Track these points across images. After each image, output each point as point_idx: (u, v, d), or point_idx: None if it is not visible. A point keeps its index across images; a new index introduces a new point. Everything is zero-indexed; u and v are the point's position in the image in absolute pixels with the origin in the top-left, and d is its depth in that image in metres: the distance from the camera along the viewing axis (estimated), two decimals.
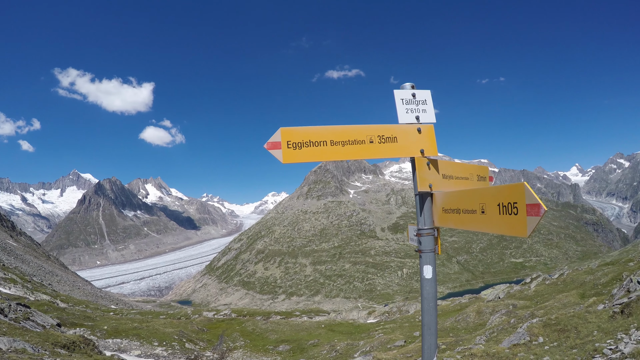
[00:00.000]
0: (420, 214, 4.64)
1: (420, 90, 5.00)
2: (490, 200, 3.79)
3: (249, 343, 51.17)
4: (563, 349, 14.56)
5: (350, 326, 60.44)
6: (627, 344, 12.40)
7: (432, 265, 4.50)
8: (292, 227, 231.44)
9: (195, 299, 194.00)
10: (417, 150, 4.78)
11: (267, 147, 4.46)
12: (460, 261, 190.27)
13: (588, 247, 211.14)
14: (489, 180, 5.69)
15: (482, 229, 3.94)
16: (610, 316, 16.82)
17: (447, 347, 25.05)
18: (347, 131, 4.66)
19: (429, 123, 4.94)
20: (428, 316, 4.41)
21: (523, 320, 24.44)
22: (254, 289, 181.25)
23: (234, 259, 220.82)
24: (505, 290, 55.05)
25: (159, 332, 41.40)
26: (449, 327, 37.44)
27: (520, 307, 36.29)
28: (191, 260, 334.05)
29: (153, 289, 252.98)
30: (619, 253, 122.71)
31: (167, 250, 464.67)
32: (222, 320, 64.81)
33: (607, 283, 34.32)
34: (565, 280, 48.63)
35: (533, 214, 3.25)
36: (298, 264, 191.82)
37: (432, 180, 4.69)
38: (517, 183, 3.45)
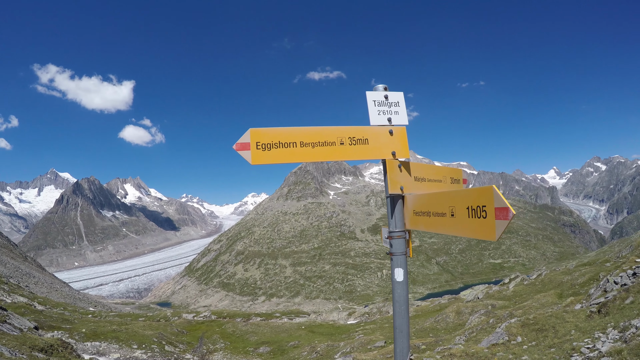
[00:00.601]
0: (391, 216, 4.61)
1: (393, 92, 4.96)
2: (459, 204, 3.74)
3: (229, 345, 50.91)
4: (541, 348, 14.71)
5: (331, 327, 60.46)
6: (604, 342, 12.57)
7: (404, 268, 4.46)
8: (272, 228, 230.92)
9: (174, 301, 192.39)
10: (389, 152, 4.74)
11: (236, 148, 4.40)
12: (439, 262, 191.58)
13: (565, 248, 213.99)
14: (462, 182, 5.67)
15: (451, 232, 3.90)
16: (588, 316, 17.03)
17: (427, 347, 25.17)
18: (317, 132, 4.61)
19: (401, 125, 4.92)
20: (400, 319, 4.38)
21: (502, 320, 24.64)
22: (233, 290, 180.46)
23: (214, 260, 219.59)
24: (484, 290, 55.47)
25: (138, 335, 40.96)
26: (428, 328, 37.64)
27: (499, 307, 36.61)
28: (170, 262, 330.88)
29: (132, 290, 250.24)
30: (595, 254, 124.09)
31: (146, 252, 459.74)
32: (202, 322, 64.36)
33: (585, 283, 34.76)
34: (543, 280, 49.17)
35: (502, 218, 3.22)
36: (278, 265, 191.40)
37: (404, 182, 4.66)
38: (486, 186, 3.42)
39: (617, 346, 11.43)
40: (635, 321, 13.00)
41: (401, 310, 4.37)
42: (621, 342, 11.91)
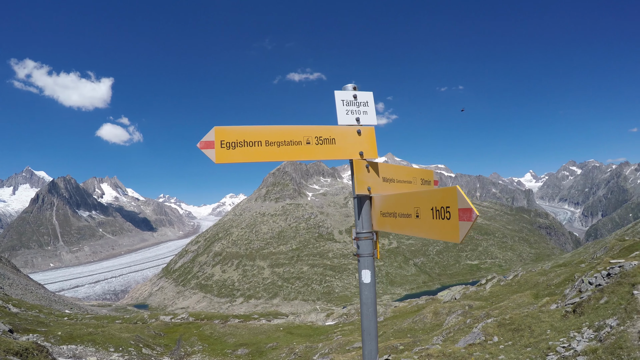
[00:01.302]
0: (358, 217, 4.53)
1: (362, 92, 4.87)
2: (424, 204, 3.67)
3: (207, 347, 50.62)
4: (518, 348, 14.84)
5: (309, 328, 60.44)
6: (579, 342, 12.72)
7: (371, 269, 4.42)
8: (250, 230, 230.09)
9: (151, 303, 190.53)
10: (356, 152, 4.66)
11: (200, 146, 4.30)
12: (417, 263, 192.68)
13: (541, 249, 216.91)
14: (433, 184, 5.60)
15: (416, 233, 3.84)
16: (563, 315, 17.23)
17: (404, 347, 25.27)
18: (283, 131, 4.52)
19: (369, 125, 4.84)
20: (367, 321, 4.36)
21: (479, 320, 24.83)
22: (211, 292, 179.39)
23: (191, 261, 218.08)
24: (461, 291, 55.87)
25: (115, 338, 40.51)
26: (406, 328, 37.79)
27: (476, 307, 36.87)
28: (147, 263, 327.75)
29: (108, 292, 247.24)
30: (571, 255, 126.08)
31: (122, 252, 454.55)
32: (180, 324, 63.92)
33: (560, 284, 35.18)
34: (519, 281, 49.63)
35: (465, 219, 3.13)
36: (256, 266, 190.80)
37: (371, 183, 4.58)
38: (449, 187, 3.35)
39: (592, 345, 11.58)
40: (610, 320, 13.18)
41: (369, 312, 4.35)
42: (596, 341, 12.07)
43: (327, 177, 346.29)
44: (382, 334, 39.74)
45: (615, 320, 13.01)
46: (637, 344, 10.45)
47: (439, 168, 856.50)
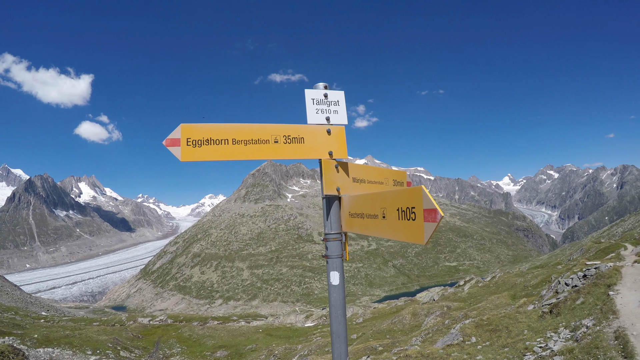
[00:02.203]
0: (326, 218, 4.45)
1: (334, 90, 4.83)
2: (390, 205, 3.60)
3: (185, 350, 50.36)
4: (495, 348, 14.94)
5: (288, 330, 60.39)
6: (556, 342, 12.85)
7: (340, 271, 4.31)
8: (229, 231, 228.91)
9: (129, 305, 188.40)
10: (325, 152, 4.58)
11: (166, 143, 4.21)
12: (396, 265, 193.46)
13: (519, 251, 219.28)
14: (406, 185, 5.52)
15: (383, 234, 3.74)
16: (540, 316, 17.41)
17: (384, 348, 25.35)
18: (251, 130, 4.46)
19: (340, 125, 4.77)
20: (336, 324, 4.25)
21: (457, 321, 25.00)
22: (190, 293, 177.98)
23: (170, 262, 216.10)
24: (439, 292, 56.17)
25: (93, 340, 40.10)
26: (385, 329, 37.92)
27: (455, 308, 37.12)
28: (125, 264, 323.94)
29: (86, 294, 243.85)
30: (548, 257, 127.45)
31: (100, 253, 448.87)
32: (158, 327, 63.54)
33: (537, 285, 35.56)
34: (497, 282, 50.09)
35: (430, 220, 3.06)
36: (235, 267, 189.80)
37: (341, 183, 4.51)
38: (414, 187, 3.28)
39: (569, 345, 11.70)
40: (586, 321, 13.35)
41: (338, 314, 4.25)
42: (572, 341, 12.20)
43: (307, 178, 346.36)
44: (362, 335, 39.81)
45: (592, 320, 13.17)
46: (613, 343, 10.59)
47: (418, 171, 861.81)
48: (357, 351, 26.45)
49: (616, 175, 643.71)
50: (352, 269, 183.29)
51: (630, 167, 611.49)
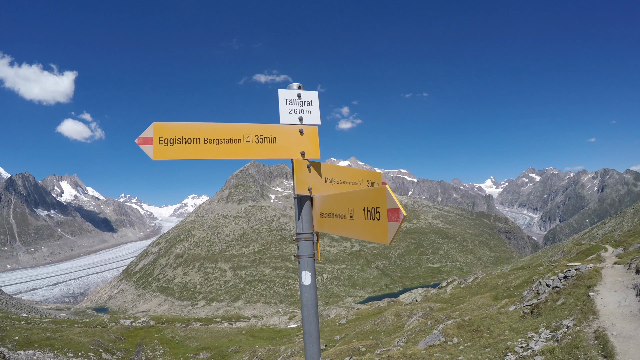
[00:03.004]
0: (298, 218, 4.47)
1: (307, 91, 4.84)
2: (357, 205, 3.60)
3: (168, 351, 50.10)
4: (477, 349, 15.05)
5: (272, 331, 60.33)
6: (537, 342, 12.99)
7: (311, 271, 4.34)
8: (212, 231, 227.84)
9: (111, 306, 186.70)
10: (297, 152, 4.62)
11: (138, 142, 4.20)
12: (379, 266, 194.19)
13: (501, 253, 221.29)
14: (381, 186, 5.57)
15: (351, 234, 3.74)
16: (521, 316, 17.59)
17: (367, 349, 25.43)
18: (223, 129, 4.44)
19: (312, 125, 4.79)
20: (309, 324, 4.23)
21: (439, 321, 25.14)
22: (172, 294, 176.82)
23: (152, 263, 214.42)
24: (422, 293, 56.49)
25: (74, 342, 39.75)
26: (368, 330, 38.05)
27: (437, 309, 37.34)
28: (107, 265, 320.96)
29: (67, 295, 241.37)
30: (529, 258, 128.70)
31: (81, 254, 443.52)
32: (140, 328, 63.11)
33: (519, 286, 35.90)
34: (479, 283, 50.50)
35: (393, 220, 3.07)
36: (218, 269, 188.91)
37: (313, 183, 4.54)
38: (379, 186, 3.30)
39: (549, 345, 11.84)
40: (566, 321, 13.51)
41: (309, 314, 4.23)
42: (553, 341, 12.35)
43: (291, 179, 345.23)
44: (345, 336, 39.91)
45: (572, 320, 13.34)
46: (593, 343, 10.73)
47: (401, 173, 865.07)
48: (341, 352, 26.49)
49: (597, 178, 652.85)
50: (336, 270, 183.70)
51: (610, 171, 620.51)
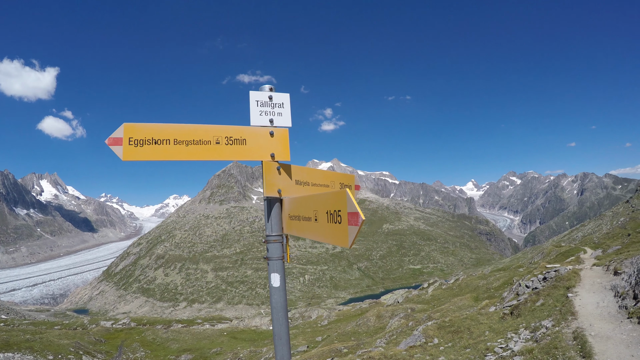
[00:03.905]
0: (267, 219, 4.53)
1: (279, 93, 4.84)
2: (321, 208, 3.65)
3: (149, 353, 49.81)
4: (457, 349, 15.16)
5: (253, 333, 60.20)
6: (516, 342, 13.12)
7: (281, 273, 4.38)
8: (194, 232, 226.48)
9: (92, 307, 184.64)
10: (267, 154, 4.61)
11: (108, 142, 4.19)
12: (360, 268, 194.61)
13: (482, 254, 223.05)
14: (354, 189, 5.53)
15: (316, 237, 3.80)
16: (501, 317, 17.75)
17: (348, 350, 25.50)
18: (193, 130, 4.43)
19: (283, 127, 4.78)
20: (278, 326, 4.26)
21: (420, 322, 25.29)
22: (154, 296, 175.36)
23: (133, 264, 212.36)
24: (404, 294, 56.76)
25: (54, 344, 39.34)
26: (350, 331, 38.14)
27: (418, 310, 37.53)
28: (88, 265, 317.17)
29: (47, 296, 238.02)
30: (510, 260, 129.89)
31: (61, 254, 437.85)
32: (121, 330, 62.65)
33: (499, 287, 36.23)
34: (460, 285, 50.83)
35: (353, 223, 3.10)
36: (199, 270, 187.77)
37: (282, 185, 4.55)
38: (340, 190, 3.33)
39: (529, 345, 11.98)
40: (546, 322, 13.67)
41: (279, 316, 4.27)
42: (532, 341, 12.49)
43: None
44: (327, 337, 39.98)
45: (551, 321, 13.50)
46: (571, 343, 10.87)
47: (383, 175, 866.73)
48: (322, 353, 26.53)
49: (577, 182, 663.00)
50: (317, 272, 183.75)
51: (590, 175, 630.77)
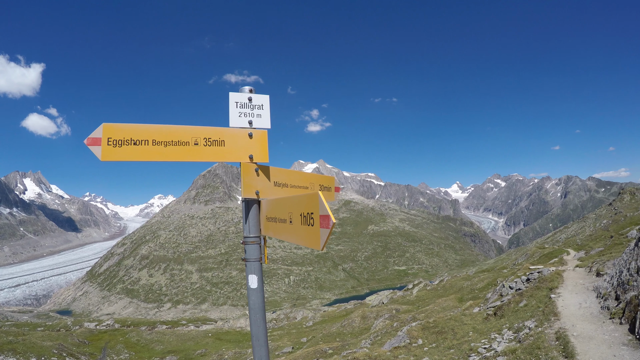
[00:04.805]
0: (245, 221, 4.49)
1: (259, 94, 4.83)
2: (295, 210, 3.70)
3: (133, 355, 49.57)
4: (441, 350, 15.25)
5: (238, 334, 60.07)
6: (500, 343, 13.22)
7: (258, 275, 4.34)
8: (178, 232, 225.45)
9: (75, 309, 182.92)
10: (246, 155, 4.61)
11: (87, 142, 4.15)
12: (346, 269, 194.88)
13: (466, 256, 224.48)
14: (334, 191, 5.60)
15: (290, 239, 3.84)
16: (485, 318, 17.89)
17: (333, 351, 25.54)
18: (171, 131, 4.42)
19: (262, 128, 4.78)
20: (256, 327, 4.27)
21: (405, 323, 25.38)
22: (138, 297, 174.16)
23: (117, 264, 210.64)
24: (388, 296, 56.88)
25: (37, 346, 38.96)
26: (335, 332, 38.17)
27: (403, 311, 37.66)
28: (71, 266, 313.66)
29: (30, 297, 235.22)
30: (494, 261, 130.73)
31: (45, 254, 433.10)
32: (105, 331, 62.21)
33: (483, 288, 36.48)
34: (445, 286, 51.11)
35: (324, 226, 3.15)
36: (184, 270, 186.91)
37: (261, 187, 4.56)
38: (312, 192, 3.37)
39: (512, 346, 12.08)
40: (529, 322, 13.79)
41: (257, 318, 4.26)
42: (515, 342, 12.59)
43: None
44: (312, 338, 39.99)
45: (534, 322, 13.62)
46: (554, 344, 10.97)
47: (369, 176, 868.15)
48: (307, 354, 26.55)
49: (560, 185, 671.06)
50: (302, 273, 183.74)
51: (574, 178, 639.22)
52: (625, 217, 61.73)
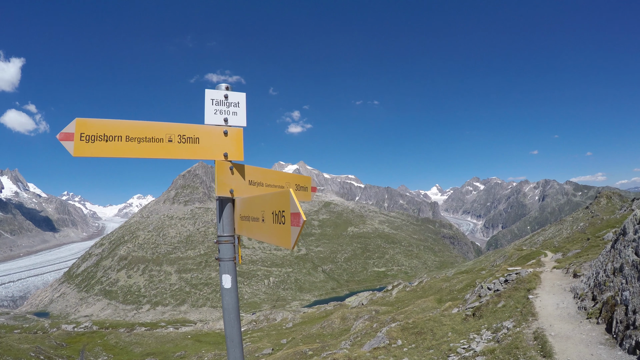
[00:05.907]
0: (219, 220, 4.47)
1: (235, 92, 4.82)
2: (267, 208, 3.68)
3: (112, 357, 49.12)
4: (420, 350, 15.33)
5: (218, 336, 59.86)
6: (478, 343, 13.36)
7: (232, 274, 4.32)
8: (157, 233, 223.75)
9: (53, 310, 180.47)
10: (220, 153, 4.58)
11: (60, 137, 4.07)
12: (325, 270, 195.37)
13: (445, 257, 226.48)
14: (311, 191, 5.59)
15: (263, 238, 3.82)
16: (464, 319, 18.05)
17: (313, 352, 25.55)
18: (145, 127, 4.37)
19: (238, 126, 4.78)
20: (230, 328, 4.22)
21: (384, 324, 25.48)
22: (116, 298, 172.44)
23: (95, 265, 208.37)
24: (368, 297, 57.12)
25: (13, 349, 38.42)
26: (315, 334, 38.17)
27: (382, 312, 37.83)
28: (48, 266, 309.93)
29: (6, 299, 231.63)
30: (472, 263, 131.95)
31: (21, 254, 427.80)
32: (83, 334, 61.57)
33: (462, 289, 36.78)
34: (424, 287, 51.43)
35: (295, 224, 3.15)
36: (163, 271, 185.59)
37: (235, 185, 4.54)
38: (284, 190, 3.38)
39: (490, 346, 12.21)
40: (507, 323, 13.96)
41: (231, 318, 4.22)
42: (494, 342, 12.74)
43: None
44: (292, 339, 39.96)
45: (512, 322, 13.79)
46: (532, 343, 11.13)
47: (349, 178, 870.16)
48: (287, 356, 26.55)
49: (538, 188, 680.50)
50: (282, 274, 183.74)
51: (551, 182, 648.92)
52: (602, 220, 62.72)
